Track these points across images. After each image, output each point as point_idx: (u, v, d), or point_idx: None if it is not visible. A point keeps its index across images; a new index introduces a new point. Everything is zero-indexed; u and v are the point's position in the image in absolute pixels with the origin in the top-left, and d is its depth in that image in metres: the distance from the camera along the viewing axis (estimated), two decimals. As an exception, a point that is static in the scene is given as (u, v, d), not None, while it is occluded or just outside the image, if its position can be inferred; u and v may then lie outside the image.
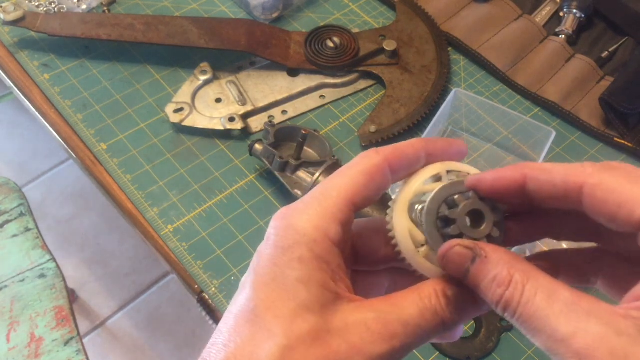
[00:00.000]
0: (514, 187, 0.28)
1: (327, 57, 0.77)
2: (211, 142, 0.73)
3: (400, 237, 0.30)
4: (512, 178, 0.28)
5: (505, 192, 0.28)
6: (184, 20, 0.78)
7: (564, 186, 0.27)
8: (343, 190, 0.29)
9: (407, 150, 0.30)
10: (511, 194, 0.28)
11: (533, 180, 0.28)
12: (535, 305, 0.25)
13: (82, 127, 0.73)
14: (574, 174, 0.26)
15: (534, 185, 0.28)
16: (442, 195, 0.29)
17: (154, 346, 1.40)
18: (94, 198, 1.59)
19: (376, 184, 0.30)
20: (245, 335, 0.27)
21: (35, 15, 0.77)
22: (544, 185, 0.27)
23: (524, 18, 0.86)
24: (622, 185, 0.25)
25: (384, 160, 0.30)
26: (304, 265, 0.28)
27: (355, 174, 0.30)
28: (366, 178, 0.30)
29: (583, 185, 0.26)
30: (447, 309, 0.28)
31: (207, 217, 0.67)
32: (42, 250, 0.94)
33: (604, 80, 0.80)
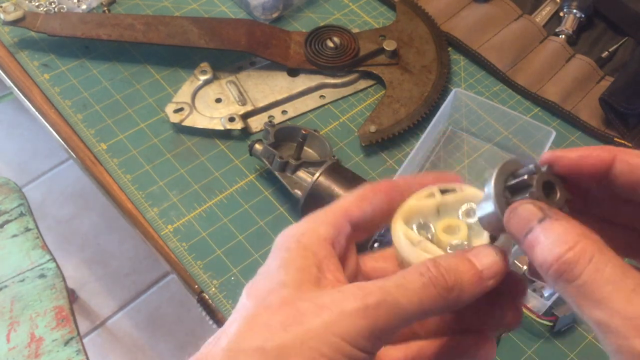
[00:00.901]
0: (600, 168, 0.27)
1: (327, 57, 0.77)
2: (211, 142, 0.73)
3: (396, 240, 0.31)
4: (600, 157, 0.27)
5: (589, 172, 0.27)
6: (184, 20, 0.78)
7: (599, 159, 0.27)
8: (337, 205, 0.32)
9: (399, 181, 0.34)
10: (594, 175, 0.27)
11: (623, 163, 0.26)
12: (605, 276, 0.23)
13: (82, 127, 0.73)
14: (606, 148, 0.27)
15: (623, 167, 0.26)
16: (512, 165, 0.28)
17: (154, 346, 1.40)
18: (94, 198, 1.58)
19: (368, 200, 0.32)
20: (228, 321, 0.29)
21: (35, 15, 0.77)
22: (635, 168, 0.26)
23: (524, 18, 0.85)
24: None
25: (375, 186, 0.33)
26: (287, 254, 0.29)
27: (350, 195, 0.33)
28: (359, 195, 0.32)
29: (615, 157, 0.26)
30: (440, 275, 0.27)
31: (207, 217, 0.67)
32: (42, 250, 0.94)
33: (604, 80, 0.80)
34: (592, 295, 0.23)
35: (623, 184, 0.27)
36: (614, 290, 0.23)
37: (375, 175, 0.71)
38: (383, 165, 0.72)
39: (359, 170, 0.69)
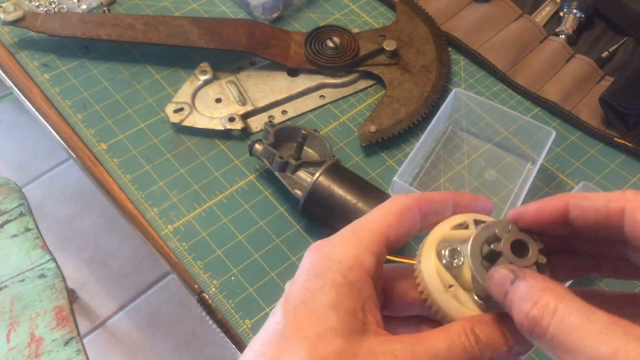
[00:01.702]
0: (556, 216, 0.29)
1: (327, 57, 0.77)
2: (211, 142, 0.73)
3: (428, 277, 0.30)
4: (554, 206, 0.29)
5: (548, 222, 0.29)
6: (184, 20, 0.78)
7: (606, 210, 0.27)
8: (376, 225, 0.30)
9: (435, 197, 0.32)
10: (554, 224, 0.29)
11: (575, 207, 0.28)
12: (570, 325, 0.24)
13: (82, 127, 0.73)
14: (615, 198, 0.27)
15: (577, 212, 0.28)
16: (483, 234, 0.30)
17: (154, 346, 1.40)
18: (94, 198, 1.59)
19: (407, 222, 0.31)
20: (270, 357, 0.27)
21: (35, 15, 0.77)
22: (586, 211, 0.28)
23: (524, 18, 0.86)
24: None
25: (413, 202, 0.31)
26: (335, 291, 0.28)
27: (388, 212, 0.31)
28: (398, 217, 0.31)
29: (624, 208, 0.27)
30: (476, 346, 0.28)
31: (207, 217, 0.67)
32: (42, 250, 0.94)
33: (604, 80, 0.80)
34: (563, 346, 0.24)
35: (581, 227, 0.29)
36: (581, 337, 0.23)
37: (375, 175, 0.71)
38: (383, 165, 0.72)
39: (359, 170, 0.69)
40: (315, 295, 0.28)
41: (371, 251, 0.29)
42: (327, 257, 0.29)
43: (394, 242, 0.31)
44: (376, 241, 0.30)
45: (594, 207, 0.28)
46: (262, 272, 0.63)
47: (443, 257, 0.31)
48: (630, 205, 0.27)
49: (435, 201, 0.32)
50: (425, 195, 0.32)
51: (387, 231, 0.30)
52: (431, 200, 0.32)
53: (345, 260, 0.29)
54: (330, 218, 0.63)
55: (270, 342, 0.27)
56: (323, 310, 0.28)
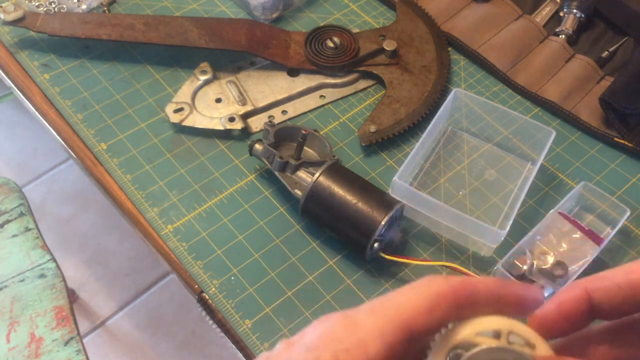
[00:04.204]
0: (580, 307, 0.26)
1: (327, 57, 0.77)
2: (211, 142, 0.73)
3: None
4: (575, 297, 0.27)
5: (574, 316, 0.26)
6: (184, 20, 0.78)
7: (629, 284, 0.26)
8: (400, 310, 0.25)
9: (479, 286, 0.27)
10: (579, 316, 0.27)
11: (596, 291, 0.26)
12: None
13: (82, 127, 0.73)
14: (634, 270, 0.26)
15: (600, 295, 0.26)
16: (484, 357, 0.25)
17: (154, 346, 1.40)
18: (94, 198, 1.59)
19: (439, 313, 0.26)
20: None
21: (35, 15, 0.77)
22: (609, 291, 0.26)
23: (524, 18, 0.85)
24: None
25: (452, 290, 0.26)
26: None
27: (418, 296, 0.26)
28: (429, 305, 0.26)
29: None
30: None
31: (207, 217, 0.67)
32: (42, 250, 0.94)
33: (604, 80, 0.80)
34: None
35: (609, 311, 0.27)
36: None
37: (375, 175, 0.71)
38: (383, 165, 0.72)
39: (359, 170, 0.69)
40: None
41: (384, 339, 0.25)
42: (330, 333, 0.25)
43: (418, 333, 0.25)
44: (394, 329, 0.25)
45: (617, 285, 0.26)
46: (262, 272, 0.63)
47: None
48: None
49: (478, 291, 0.26)
50: (468, 283, 0.26)
51: (411, 319, 0.25)
52: (474, 289, 0.26)
53: (347, 342, 0.25)
54: (330, 218, 0.63)
55: None
56: None
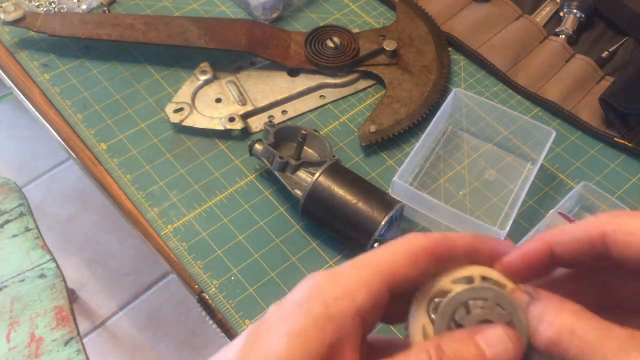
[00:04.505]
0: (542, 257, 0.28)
1: (327, 57, 0.77)
2: (211, 142, 0.73)
3: (413, 332, 0.28)
4: (537, 248, 0.28)
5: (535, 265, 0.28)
6: (184, 20, 0.78)
7: (588, 239, 0.27)
8: (382, 262, 0.27)
9: (457, 241, 0.29)
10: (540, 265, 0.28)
11: (557, 244, 0.28)
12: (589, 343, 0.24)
13: (82, 127, 0.73)
14: (592, 224, 0.27)
15: (561, 248, 0.28)
16: (460, 298, 0.28)
17: (154, 346, 1.40)
18: (94, 198, 1.59)
19: (420, 265, 0.28)
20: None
21: (35, 15, 0.77)
22: (569, 244, 0.28)
23: (524, 18, 0.85)
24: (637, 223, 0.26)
25: (432, 244, 0.28)
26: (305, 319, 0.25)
27: (399, 250, 0.28)
28: (410, 258, 0.27)
29: (604, 233, 0.27)
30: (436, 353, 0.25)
31: (207, 217, 0.67)
32: (42, 250, 0.94)
33: (604, 80, 0.80)
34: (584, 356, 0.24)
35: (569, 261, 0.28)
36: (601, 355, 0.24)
37: (375, 175, 0.71)
38: (383, 165, 0.72)
39: (359, 170, 0.69)
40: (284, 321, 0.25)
41: (368, 288, 0.26)
42: (316, 286, 0.26)
43: (400, 285, 0.27)
44: (377, 279, 0.26)
45: (576, 239, 0.28)
46: (262, 272, 0.63)
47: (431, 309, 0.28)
48: (609, 228, 0.27)
49: (456, 246, 0.28)
50: (446, 238, 0.28)
51: (393, 271, 0.27)
52: (452, 245, 0.28)
53: (333, 291, 0.26)
54: (330, 218, 0.63)
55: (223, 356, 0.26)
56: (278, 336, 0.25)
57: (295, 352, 0.24)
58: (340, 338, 0.25)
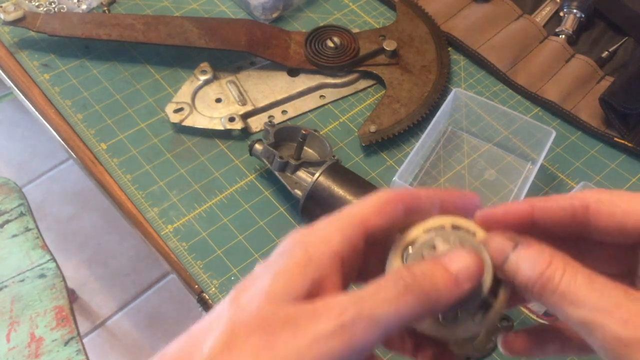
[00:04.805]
0: (522, 219, 0.30)
1: (327, 57, 0.77)
2: (211, 142, 0.73)
3: None
4: (521, 209, 0.30)
5: (514, 224, 0.30)
6: (184, 20, 0.78)
7: (572, 209, 0.29)
8: (354, 214, 0.29)
9: (421, 194, 0.31)
10: (519, 226, 0.30)
11: (541, 209, 0.30)
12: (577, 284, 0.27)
13: (82, 127, 0.73)
14: (577, 197, 0.29)
15: (543, 213, 0.30)
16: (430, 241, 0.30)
17: (154, 346, 1.40)
18: (94, 198, 1.59)
19: (387, 214, 0.30)
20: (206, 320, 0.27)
21: (35, 15, 0.77)
22: (552, 211, 0.30)
23: (524, 18, 0.86)
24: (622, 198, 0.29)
25: (397, 196, 0.30)
26: (288, 260, 0.27)
27: (368, 202, 0.30)
28: (378, 208, 0.30)
29: (588, 205, 0.29)
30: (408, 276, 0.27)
31: (207, 217, 0.67)
32: (42, 250, 0.94)
33: (604, 80, 0.80)
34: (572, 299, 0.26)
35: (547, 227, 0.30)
36: (587, 292, 0.26)
37: (375, 175, 0.71)
38: (383, 165, 0.72)
39: (359, 170, 0.69)
40: (267, 267, 0.27)
41: (343, 234, 0.28)
42: (296, 238, 0.29)
43: (372, 233, 0.29)
44: (351, 227, 0.29)
45: (560, 207, 0.29)
46: (262, 272, 0.63)
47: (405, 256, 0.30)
48: (593, 200, 0.29)
49: (420, 197, 0.31)
50: (411, 191, 0.31)
51: (364, 219, 0.29)
52: (416, 196, 0.31)
53: (311, 239, 0.28)
54: (330, 218, 0.63)
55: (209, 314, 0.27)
56: (265, 277, 0.27)
57: (280, 286, 0.26)
58: (321, 276, 0.27)
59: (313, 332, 0.25)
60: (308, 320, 0.25)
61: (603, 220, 0.29)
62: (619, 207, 0.28)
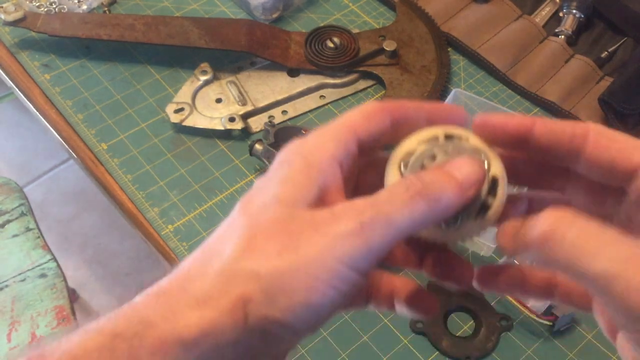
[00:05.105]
0: (521, 131, 0.30)
1: (327, 57, 0.77)
2: (211, 142, 0.73)
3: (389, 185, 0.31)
4: (522, 122, 0.30)
5: (512, 134, 0.30)
6: (184, 20, 0.78)
7: (571, 133, 0.29)
8: (343, 122, 0.30)
9: (408, 105, 0.31)
10: (516, 137, 0.30)
11: (542, 126, 0.29)
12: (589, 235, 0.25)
13: (83, 127, 0.73)
14: (580, 124, 0.29)
15: (543, 130, 0.29)
16: (428, 152, 0.30)
17: (154, 346, 1.40)
18: (94, 198, 1.59)
19: (375, 122, 0.30)
20: (216, 235, 0.27)
21: (36, 15, 0.78)
22: (552, 131, 0.29)
23: (524, 18, 0.86)
24: (622, 137, 0.28)
25: (383, 105, 0.31)
26: (289, 168, 0.28)
27: (356, 111, 0.31)
28: (366, 116, 0.30)
29: (588, 133, 0.28)
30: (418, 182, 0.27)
31: (208, 217, 0.67)
32: (42, 250, 0.94)
33: (603, 81, 0.80)
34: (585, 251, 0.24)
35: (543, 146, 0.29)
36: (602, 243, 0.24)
37: (375, 175, 0.71)
38: (383, 165, 0.72)
39: (358, 170, 0.69)
40: (270, 179, 0.28)
41: (336, 139, 0.29)
42: (291, 149, 0.29)
43: (363, 139, 0.30)
44: (342, 132, 0.29)
45: (561, 129, 0.29)
46: (262, 271, 0.63)
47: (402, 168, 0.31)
48: (594, 130, 0.28)
49: (407, 109, 0.31)
50: (398, 102, 0.31)
51: (354, 125, 0.30)
52: (403, 107, 0.31)
53: (307, 147, 0.29)
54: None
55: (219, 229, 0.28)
56: (272, 186, 0.28)
57: (289, 193, 0.27)
58: (325, 181, 0.28)
59: (334, 232, 0.26)
60: (328, 222, 0.26)
61: (597, 152, 0.28)
62: (616, 143, 0.28)
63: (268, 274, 0.25)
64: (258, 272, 0.25)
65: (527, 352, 0.61)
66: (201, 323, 0.24)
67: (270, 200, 0.27)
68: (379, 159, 0.32)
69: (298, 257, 0.25)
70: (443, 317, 0.62)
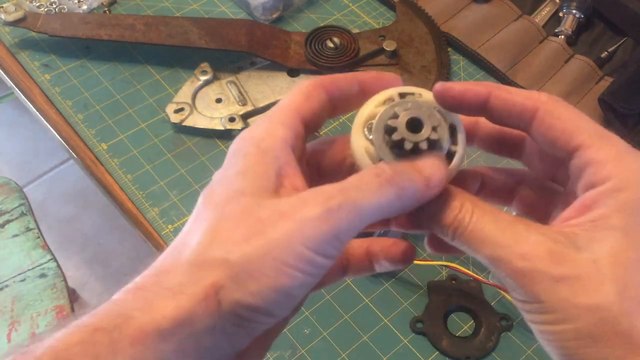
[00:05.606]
0: (478, 100, 0.31)
1: (327, 57, 0.77)
2: (211, 142, 0.73)
3: (358, 154, 0.31)
4: (479, 92, 0.31)
5: (469, 103, 0.31)
6: (184, 20, 0.78)
7: (522, 107, 0.30)
8: (286, 104, 0.31)
9: (339, 77, 0.33)
10: (474, 106, 0.31)
11: (496, 98, 0.30)
12: (483, 224, 0.28)
13: (83, 127, 0.73)
14: (532, 98, 0.30)
15: (497, 102, 0.30)
16: (390, 111, 0.31)
17: (154, 346, 1.40)
18: (94, 198, 1.59)
19: (314, 99, 0.31)
20: (184, 231, 0.28)
21: (36, 15, 0.78)
22: (505, 103, 0.30)
23: (524, 18, 0.86)
24: (568, 115, 0.29)
25: (316, 81, 0.32)
26: (245, 159, 0.29)
27: (295, 92, 0.32)
28: (304, 95, 0.31)
29: (537, 109, 0.29)
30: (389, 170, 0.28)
31: (208, 217, 0.67)
32: (42, 250, 0.94)
33: (603, 81, 0.80)
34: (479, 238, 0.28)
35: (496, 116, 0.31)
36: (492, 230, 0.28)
37: (375, 175, 0.71)
38: (383, 165, 0.72)
39: (358, 170, 0.69)
40: (228, 170, 0.29)
41: (284, 124, 0.30)
42: (241, 138, 0.30)
43: (307, 119, 0.31)
44: (288, 116, 0.30)
45: (512, 102, 0.30)
46: (262, 271, 0.63)
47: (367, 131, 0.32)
48: (543, 107, 0.29)
49: (338, 80, 0.32)
50: (330, 76, 0.33)
51: (297, 107, 0.31)
52: (334, 80, 0.32)
53: (259, 134, 0.30)
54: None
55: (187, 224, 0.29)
56: (233, 178, 0.28)
57: (250, 182, 0.28)
58: (280, 166, 0.29)
59: (301, 216, 0.26)
60: (295, 208, 0.27)
61: (542, 129, 0.29)
62: (560, 123, 0.29)
63: (237, 259, 0.26)
64: (227, 259, 0.26)
65: (527, 352, 0.61)
66: (177, 313, 0.25)
67: (234, 191, 0.28)
68: None
69: (265, 242, 0.26)
70: (443, 317, 0.62)
